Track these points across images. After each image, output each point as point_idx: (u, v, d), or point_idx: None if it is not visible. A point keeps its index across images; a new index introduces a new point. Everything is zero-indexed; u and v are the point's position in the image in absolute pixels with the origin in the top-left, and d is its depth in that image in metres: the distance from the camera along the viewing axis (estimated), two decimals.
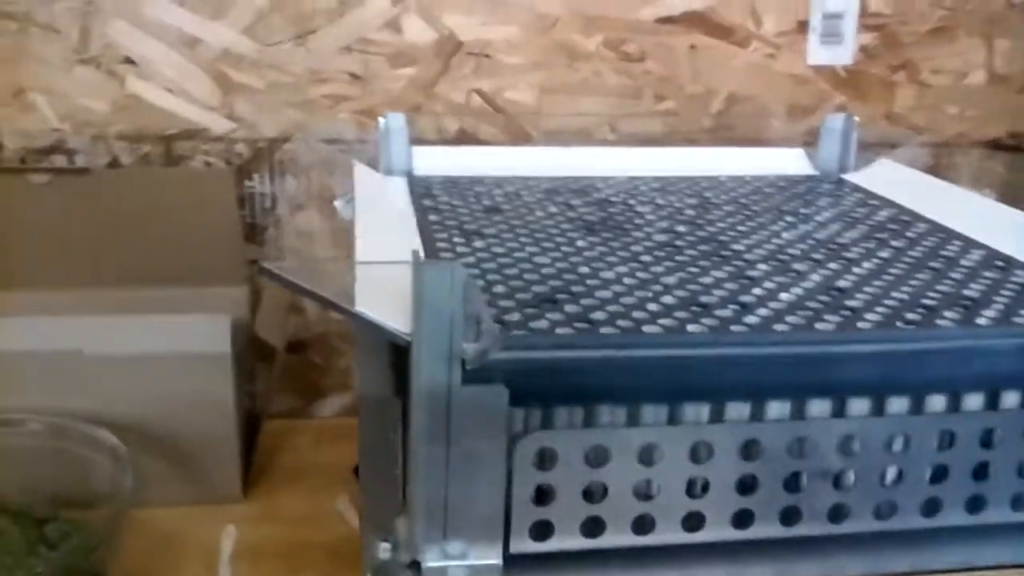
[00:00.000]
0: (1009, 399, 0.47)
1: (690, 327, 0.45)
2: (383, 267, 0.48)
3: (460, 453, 0.41)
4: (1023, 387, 0.47)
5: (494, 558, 0.43)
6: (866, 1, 0.99)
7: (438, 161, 0.80)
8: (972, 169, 1.06)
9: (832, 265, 0.56)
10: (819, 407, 0.45)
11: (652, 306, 0.48)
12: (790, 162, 0.84)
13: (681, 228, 0.63)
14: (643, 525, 0.44)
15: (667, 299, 0.49)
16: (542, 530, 0.44)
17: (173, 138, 0.92)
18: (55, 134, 0.91)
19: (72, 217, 0.86)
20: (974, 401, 0.47)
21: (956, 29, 1.01)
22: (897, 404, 0.46)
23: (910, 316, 0.48)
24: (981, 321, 0.47)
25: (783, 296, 0.50)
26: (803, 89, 1.00)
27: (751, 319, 0.47)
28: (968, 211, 0.69)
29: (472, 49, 0.94)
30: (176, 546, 0.72)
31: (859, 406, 0.46)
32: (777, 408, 0.45)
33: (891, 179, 0.78)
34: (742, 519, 0.45)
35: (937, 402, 0.46)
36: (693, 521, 0.45)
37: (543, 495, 0.43)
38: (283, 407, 0.95)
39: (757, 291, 0.51)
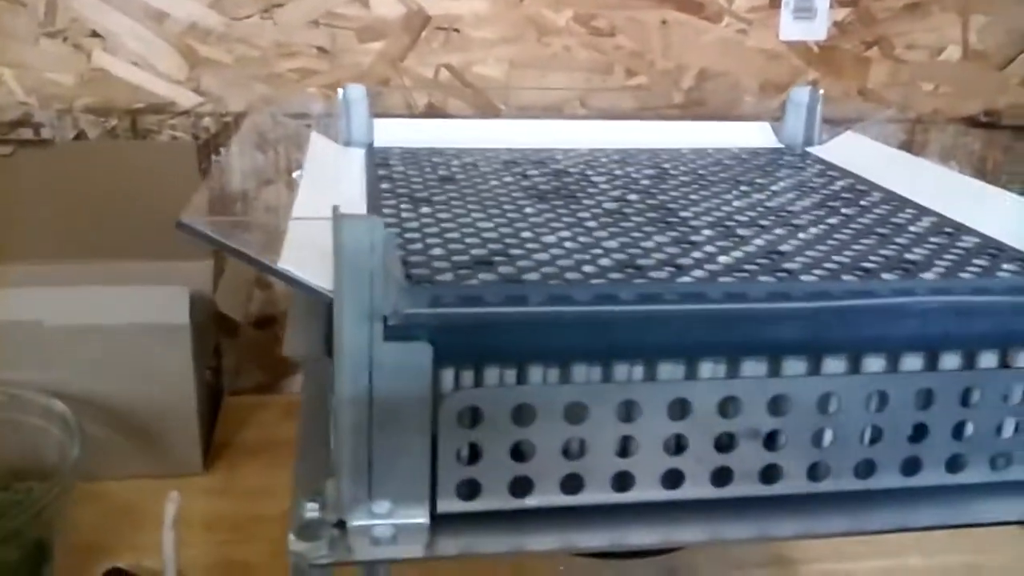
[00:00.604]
0: (946, 360, 0.47)
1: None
2: (316, 229, 0.48)
3: (383, 411, 0.41)
4: (958, 347, 0.46)
5: (421, 517, 0.43)
6: None
7: (400, 133, 0.79)
8: (947, 145, 1.05)
9: (778, 231, 0.56)
10: (755, 367, 0.45)
11: (587, 268, 0.48)
12: (755, 135, 0.84)
13: (633, 197, 0.63)
14: (572, 485, 0.44)
15: (604, 262, 0.49)
16: (470, 489, 0.44)
17: (139, 112, 0.92)
18: (22, 107, 0.91)
19: (35, 189, 0.85)
20: (911, 362, 0.46)
21: (931, 5, 1.00)
22: (833, 365, 0.46)
23: (847, 278, 0.48)
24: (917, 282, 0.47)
25: (721, 259, 0.50)
26: (776, 65, 0.99)
27: (685, 280, 0.46)
28: (925, 181, 0.68)
29: (441, 23, 0.93)
30: (131, 516, 0.72)
31: (795, 367, 0.45)
32: (710, 368, 0.45)
33: (854, 151, 0.78)
34: (672, 479, 0.45)
35: (873, 363, 0.46)
36: (623, 481, 0.45)
37: (470, 454, 0.43)
38: (251, 383, 0.95)
39: (696, 255, 0.50)
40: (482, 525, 0.44)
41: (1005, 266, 0.50)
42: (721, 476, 0.45)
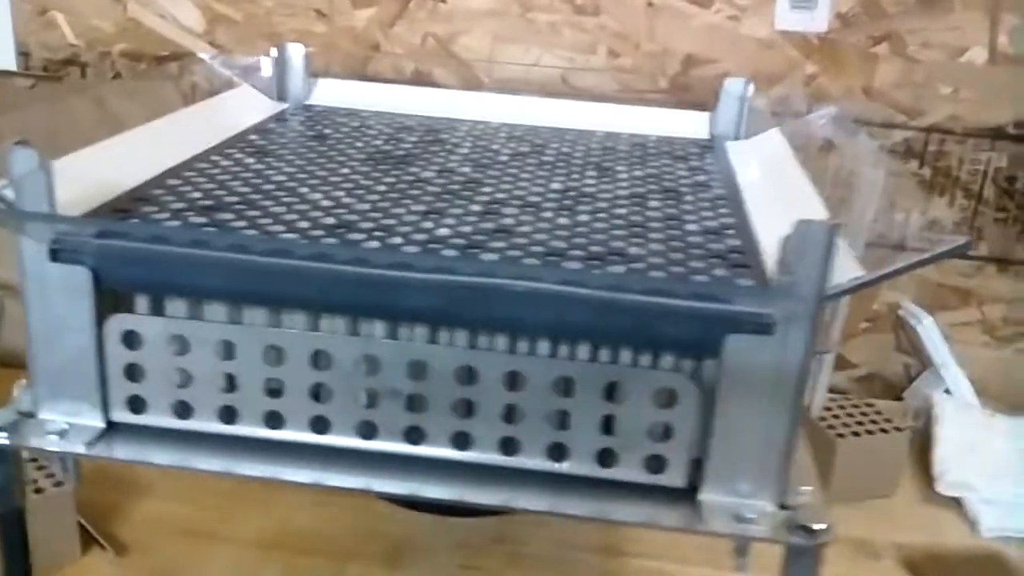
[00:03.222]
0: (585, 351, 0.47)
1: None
2: (93, 162, 0.54)
3: (55, 324, 0.48)
4: (602, 341, 0.46)
5: (96, 420, 0.49)
6: None
7: (340, 94, 0.84)
8: (966, 159, 0.97)
9: (544, 214, 0.56)
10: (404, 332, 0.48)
11: (303, 223, 0.52)
12: (688, 125, 0.82)
13: (465, 169, 0.65)
14: (229, 415, 0.49)
15: (327, 220, 0.52)
16: (138, 405, 0.49)
17: (165, 59, 1.03)
18: (71, 49, 1.04)
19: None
20: (559, 349, 0.47)
21: (952, 1, 0.92)
22: (477, 340, 0.47)
23: (529, 261, 0.49)
24: (597, 272, 0.47)
25: (441, 231, 0.52)
26: (769, 55, 0.95)
27: (370, 246, 0.49)
28: (777, 186, 0.65)
29: None
30: None
31: (429, 335, 0.47)
32: (368, 327, 0.48)
33: (761, 148, 0.75)
34: (319, 424, 0.48)
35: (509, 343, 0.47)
36: (274, 419, 0.49)
37: (137, 373, 0.49)
38: None
39: (426, 225, 0.53)
40: (155, 440, 0.50)
41: (717, 271, 0.49)
42: (364, 429, 0.48)
